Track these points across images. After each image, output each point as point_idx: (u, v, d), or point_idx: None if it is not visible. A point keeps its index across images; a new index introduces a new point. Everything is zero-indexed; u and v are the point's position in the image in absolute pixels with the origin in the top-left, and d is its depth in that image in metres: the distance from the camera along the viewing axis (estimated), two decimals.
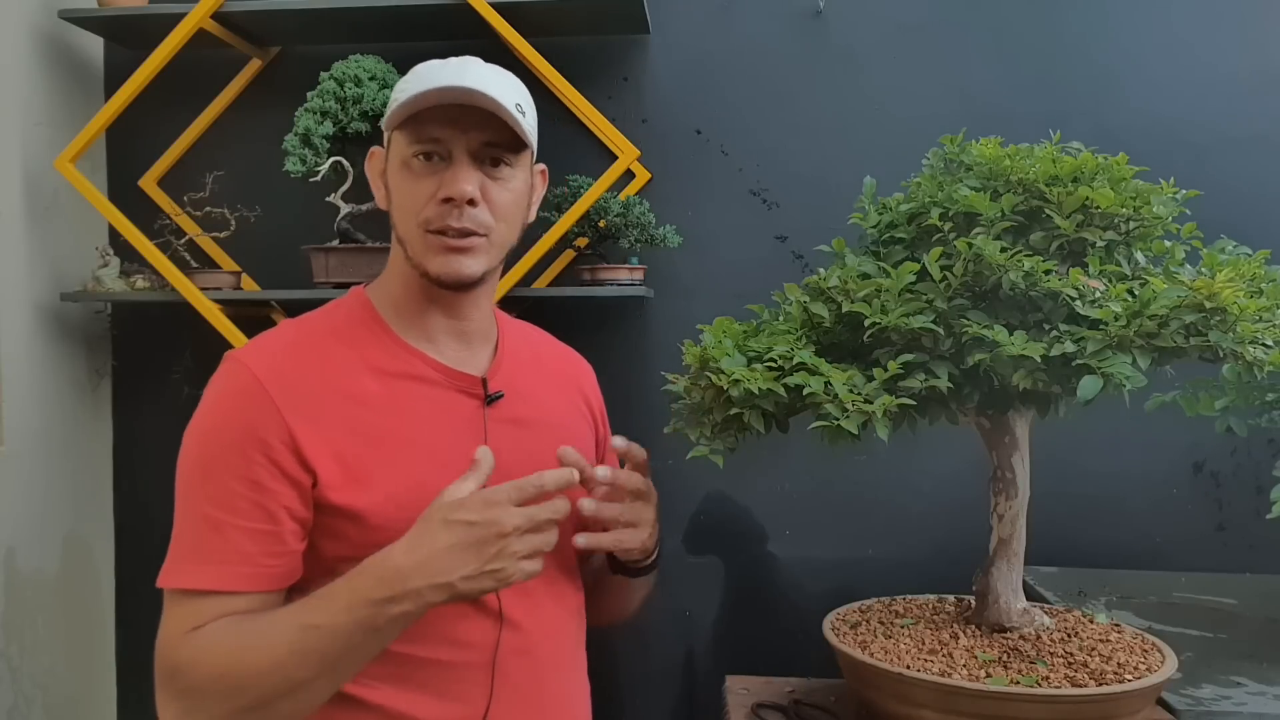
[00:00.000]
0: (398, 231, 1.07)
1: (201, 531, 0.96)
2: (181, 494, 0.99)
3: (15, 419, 1.95)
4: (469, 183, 1.02)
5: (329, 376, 1.02)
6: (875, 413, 1.02)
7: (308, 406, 0.99)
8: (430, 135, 1.02)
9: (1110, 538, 1.98)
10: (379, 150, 1.11)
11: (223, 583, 0.95)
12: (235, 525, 0.95)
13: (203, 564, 0.96)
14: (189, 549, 0.97)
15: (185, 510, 0.98)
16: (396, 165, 1.05)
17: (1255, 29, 1.98)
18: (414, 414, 1.04)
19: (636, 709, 2.13)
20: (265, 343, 1.04)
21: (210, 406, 1.00)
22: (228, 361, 1.02)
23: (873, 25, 2.05)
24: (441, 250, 1.03)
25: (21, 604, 1.95)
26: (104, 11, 1.98)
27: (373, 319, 1.08)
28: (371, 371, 1.04)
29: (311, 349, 1.04)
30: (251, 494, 0.96)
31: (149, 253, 1.95)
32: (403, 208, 1.05)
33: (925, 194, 1.18)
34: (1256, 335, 1.04)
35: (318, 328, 1.07)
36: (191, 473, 0.98)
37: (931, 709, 1.10)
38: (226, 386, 1.00)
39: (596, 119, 2.01)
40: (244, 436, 0.96)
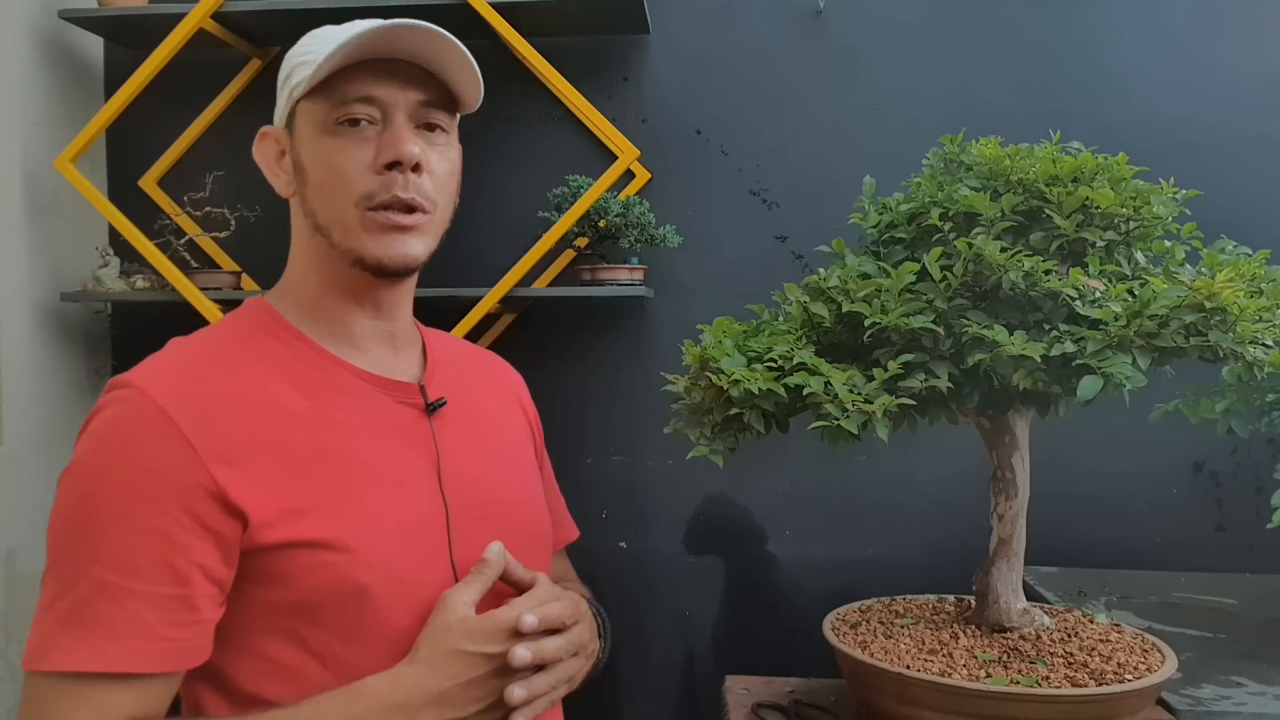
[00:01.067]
0: (318, 217, 0.90)
1: (89, 598, 0.77)
2: (59, 552, 0.80)
3: (15, 419, 1.95)
4: (415, 144, 0.88)
5: (245, 396, 0.85)
6: (875, 413, 1.02)
7: (227, 436, 0.82)
8: (359, 94, 0.87)
9: (1110, 538, 1.98)
10: (271, 130, 0.94)
11: (118, 662, 0.76)
12: (134, 590, 0.77)
13: (89, 639, 0.76)
14: (70, 620, 0.77)
15: (65, 572, 0.79)
16: (313, 137, 0.89)
17: (1256, 29, 1.98)
18: (350, 429, 0.89)
19: (636, 709, 2.13)
20: (161, 365, 0.86)
21: (100, 446, 0.81)
22: (118, 389, 0.83)
23: (873, 25, 2.05)
24: (386, 229, 0.89)
25: (21, 604, 1.95)
26: (104, 11, 1.98)
27: (282, 328, 0.93)
28: (293, 386, 0.88)
29: (219, 367, 0.87)
30: (157, 550, 0.78)
31: (149, 253, 1.95)
32: (328, 185, 0.88)
33: (925, 194, 1.18)
34: (1256, 335, 1.04)
35: (220, 343, 0.91)
36: (75, 526, 0.79)
37: (931, 709, 1.10)
38: (122, 420, 0.81)
39: (596, 119, 2.01)
40: (148, 481, 0.79)
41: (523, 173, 2.09)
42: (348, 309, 0.94)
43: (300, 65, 0.89)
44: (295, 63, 0.90)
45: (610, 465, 2.07)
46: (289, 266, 0.97)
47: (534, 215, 2.02)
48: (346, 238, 0.90)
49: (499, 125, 2.09)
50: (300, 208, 0.93)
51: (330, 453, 0.87)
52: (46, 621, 0.79)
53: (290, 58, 0.92)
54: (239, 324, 0.94)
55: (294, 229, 0.96)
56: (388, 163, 0.88)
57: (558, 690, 0.89)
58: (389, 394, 0.94)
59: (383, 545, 0.86)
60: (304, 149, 0.91)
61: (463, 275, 2.04)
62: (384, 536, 0.86)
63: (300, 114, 0.91)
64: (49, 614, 0.79)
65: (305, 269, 0.95)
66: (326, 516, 0.84)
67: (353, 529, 0.84)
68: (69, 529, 0.80)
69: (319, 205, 0.90)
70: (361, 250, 0.90)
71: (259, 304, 0.96)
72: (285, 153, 0.93)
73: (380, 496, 0.88)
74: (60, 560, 0.80)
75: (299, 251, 0.96)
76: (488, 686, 0.83)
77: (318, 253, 0.93)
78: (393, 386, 0.95)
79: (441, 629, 0.83)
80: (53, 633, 0.78)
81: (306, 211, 0.92)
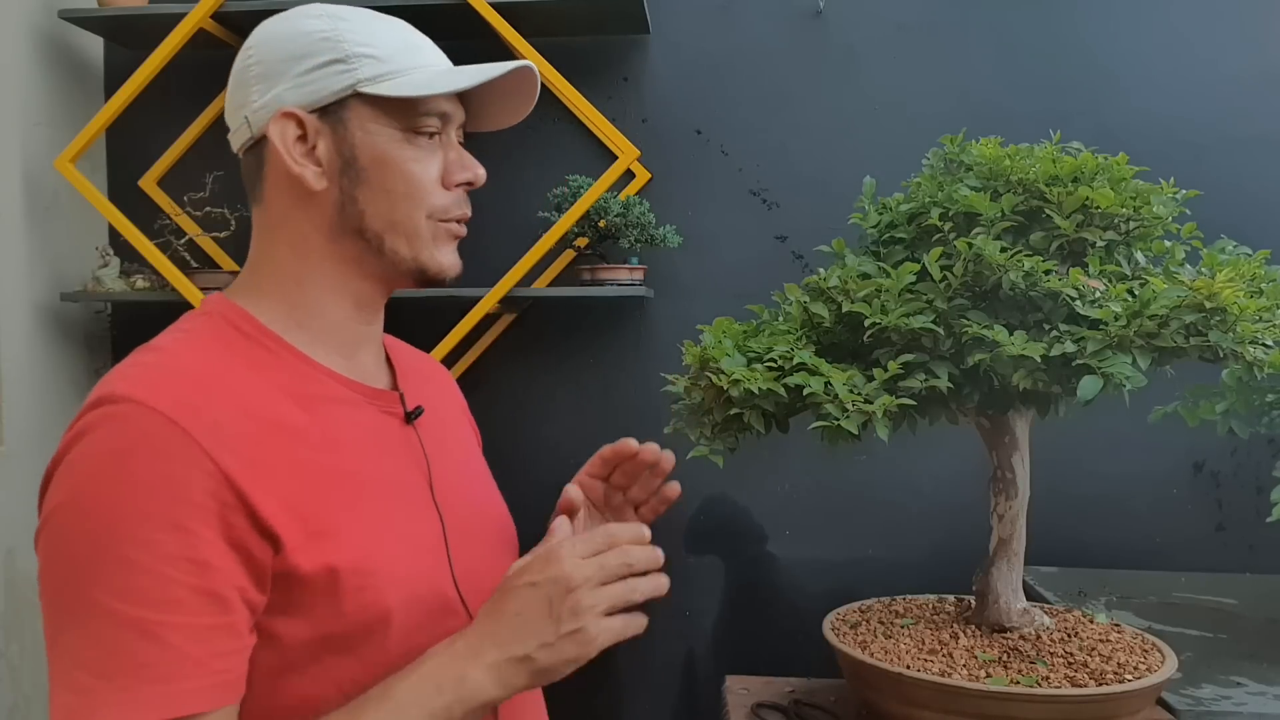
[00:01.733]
0: (370, 220, 0.86)
1: (126, 643, 0.69)
2: (72, 600, 0.71)
3: (15, 419, 1.95)
4: (481, 166, 0.91)
5: (251, 409, 0.78)
6: (875, 413, 1.02)
7: (245, 452, 0.75)
8: (439, 110, 0.87)
9: (1110, 538, 1.98)
10: (297, 112, 0.84)
11: (176, 706, 0.69)
12: (175, 625, 0.70)
13: (138, 687, 0.68)
14: (108, 670, 0.69)
15: (86, 620, 0.70)
16: (386, 139, 0.85)
17: (1255, 29, 1.98)
18: (349, 444, 0.85)
19: (636, 709, 2.13)
20: (150, 374, 0.77)
21: (103, 470, 0.72)
22: (108, 405, 0.74)
23: (873, 25, 2.05)
24: (451, 240, 0.90)
25: (21, 604, 1.95)
26: (104, 11, 1.98)
27: (261, 333, 0.85)
28: (289, 397, 0.82)
29: (214, 376, 0.79)
30: (193, 579, 0.71)
31: (149, 253, 1.95)
32: (400, 193, 0.86)
33: (925, 194, 1.18)
34: (1256, 335, 1.04)
35: (202, 349, 0.82)
36: (90, 567, 0.71)
37: (931, 709, 1.10)
38: (126, 438, 0.72)
39: (596, 119, 2.01)
40: (171, 503, 0.71)
41: (523, 173, 2.09)
42: (348, 314, 0.89)
43: (364, 58, 0.84)
44: (352, 51, 0.84)
45: None
46: (268, 265, 0.88)
47: (534, 215, 2.02)
48: (413, 246, 0.87)
49: None
50: (333, 205, 0.86)
51: (337, 469, 0.81)
52: (78, 679, 0.69)
53: (330, 40, 0.84)
54: (213, 327, 0.85)
55: (292, 226, 0.87)
56: (464, 182, 0.90)
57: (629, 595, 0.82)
58: (373, 403, 0.90)
59: (401, 564, 0.82)
60: (364, 148, 0.85)
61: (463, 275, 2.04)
62: (400, 555, 0.83)
63: (359, 108, 0.85)
64: (79, 671, 0.69)
65: (304, 269, 0.87)
66: (347, 538, 0.79)
67: (373, 549, 0.80)
68: (81, 572, 0.71)
69: (379, 209, 0.86)
70: (428, 261, 0.88)
71: (228, 305, 0.86)
72: (310, 140, 0.85)
73: (388, 513, 0.84)
74: (75, 608, 0.71)
75: (302, 250, 0.87)
76: (544, 615, 0.76)
77: (340, 254, 0.87)
78: (377, 395, 0.91)
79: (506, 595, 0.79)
80: (92, 690, 0.69)
81: (347, 212, 0.86)
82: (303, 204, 0.86)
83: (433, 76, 0.86)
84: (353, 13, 0.87)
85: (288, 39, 0.86)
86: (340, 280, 0.88)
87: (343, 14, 0.87)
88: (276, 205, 0.88)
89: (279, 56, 0.86)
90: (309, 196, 0.86)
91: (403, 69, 0.85)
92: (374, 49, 0.85)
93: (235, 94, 0.90)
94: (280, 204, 0.87)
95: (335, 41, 0.84)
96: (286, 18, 0.88)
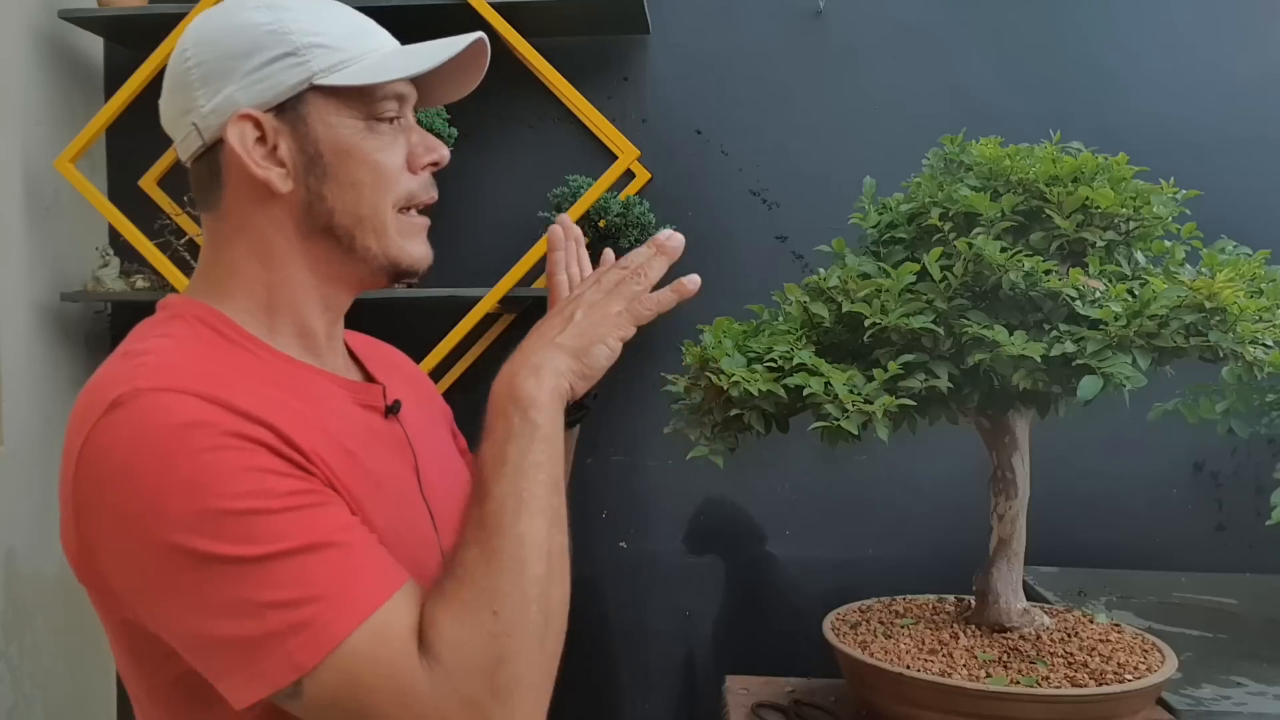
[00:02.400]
0: (338, 217, 0.82)
1: (304, 565, 0.68)
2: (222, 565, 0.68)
3: (15, 419, 1.95)
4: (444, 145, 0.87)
5: (264, 403, 0.75)
6: (875, 413, 1.02)
7: (292, 426, 0.74)
8: (396, 92, 0.83)
9: (1110, 538, 1.98)
10: (254, 113, 0.80)
11: (390, 582, 0.71)
12: (329, 529, 0.71)
13: (348, 587, 0.69)
14: (308, 594, 0.68)
15: (246, 570, 0.68)
16: (349, 131, 0.82)
17: (1256, 29, 1.98)
18: (348, 437, 0.82)
19: (636, 709, 2.13)
20: (163, 370, 0.74)
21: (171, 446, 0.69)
22: (142, 397, 0.71)
23: (873, 25, 2.05)
24: (418, 231, 0.86)
25: (21, 604, 1.95)
26: (104, 11, 1.98)
27: (240, 334, 0.82)
28: (286, 393, 0.79)
29: (218, 372, 0.76)
30: (311, 499, 0.72)
31: (149, 253, 1.95)
32: (368, 185, 0.82)
33: (925, 194, 1.18)
34: (1256, 335, 1.04)
35: (192, 350, 0.79)
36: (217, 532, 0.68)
37: (931, 709, 1.10)
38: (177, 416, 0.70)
39: (596, 119, 2.01)
40: (256, 451, 0.70)
41: (523, 173, 2.09)
42: (315, 314, 0.86)
43: (315, 49, 0.80)
44: (302, 42, 0.80)
45: (610, 465, 2.07)
46: (228, 270, 0.84)
47: (534, 215, 2.02)
48: (381, 240, 0.84)
49: (499, 125, 2.09)
50: (299, 206, 0.82)
51: (345, 464, 0.79)
52: (287, 616, 0.67)
53: (277, 33, 0.80)
54: (191, 329, 0.81)
55: (254, 232, 0.83)
56: (430, 163, 0.86)
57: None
58: (355, 398, 0.87)
59: (403, 557, 0.80)
60: (328, 142, 0.81)
61: (463, 275, 2.04)
62: (403, 548, 0.80)
63: (317, 101, 0.81)
64: (281, 612, 0.67)
65: (269, 274, 0.84)
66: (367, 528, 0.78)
67: (387, 544, 0.78)
68: (210, 540, 0.67)
69: (347, 204, 0.82)
70: (399, 254, 0.85)
71: (199, 306, 0.83)
72: (270, 141, 0.81)
73: (390, 506, 0.82)
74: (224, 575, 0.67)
75: (266, 255, 0.83)
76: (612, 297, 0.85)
77: (309, 255, 0.84)
78: (359, 390, 0.88)
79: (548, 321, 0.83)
80: (311, 618, 0.67)
81: (315, 211, 0.82)
82: (266, 208, 0.82)
83: (386, 59, 0.83)
84: (294, 2, 0.83)
85: (229, 35, 0.81)
86: (309, 283, 0.85)
87: (284, 4, 0.82)
88: (237, 212, 0.83)
89: (222, 54, 0.81)
90: (273, 200, 0.82)
91: (356, 55, 0.82)
92: (323, 37, 0.81)
93: (176, 99, 0.83)
94: (242, 211, 0.83)
95: (282, 34, 0.80)
96: (223, 11, 0.83)
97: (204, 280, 0.86)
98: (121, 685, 2.22)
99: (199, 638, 0.70)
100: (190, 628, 0.70)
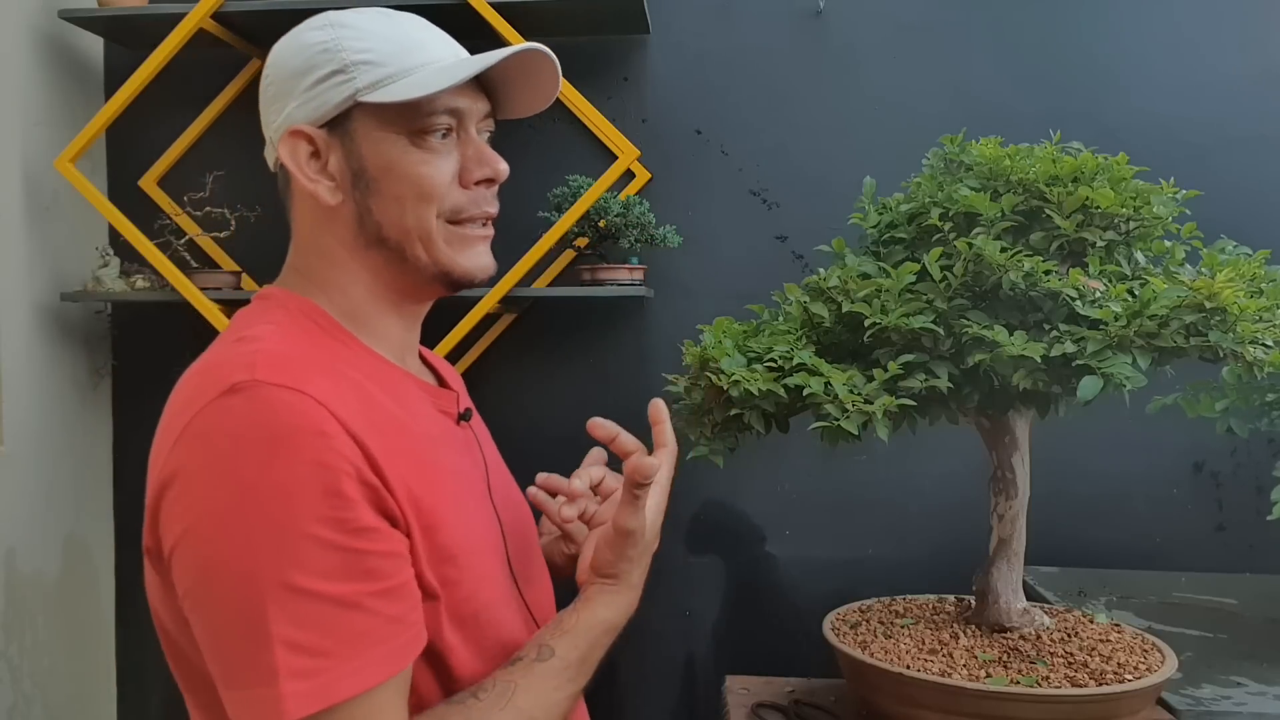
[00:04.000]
0: (387, 230, 0.85)
1: (335, 617, 0.70)
2: (269, 583, 0.69)
3: (15, 419, 1.95)
4: (502, 160, 0.88)
5: (368, 401, 0.79)
6: (875, 413, 1.02)
7: (375, 436, 0.76)
8: (448, 106, 0.85)
9: (1110, 538, 1.98)
10: (306, 129, 0.84)
11: (397, 661, 0.73)
12: (374, 591, 0.72)
13: (363, 652, 0.70)
14: (325, 646, 0.69)
15: (286, 601, 0.69)
16: (392, 145, 0.84)
17: (1256, 29, 1.98)
18: (434, 439, 0.86)
19: (636, 709, 2.13)
20: (276, 361, 0.76)
21: (270, 453, 0.71)
22: (254, 390, 0.73)
23: (873, 25, 2.05)
24: (471, 242, 0.87)
25: (21, 604, 1.95)
26: (104, 11, 1.98)
27: (336, 328, 0.86)
28: (380, 389, 0.82)
29: (325, 365, 0.79)
30: (375, 546, 0.73)
31: (149, 253, 1.95)
32: (412, 198, 0.84)
33: (925, 194, 1.18)
34: (1256, 335, 1.04)
35: (298, 340, 0.82)
36: (279, 550, 0.69)
37: (931, 709, 1.10)
38: (284, 421, 0.72)
39: (596, 119, 2.01)
40: (339, 477, 0.71)
41: (523, 173, 2.08)
42: (390, 321, 0.89)
43: (362, 65, 0.83)
44: (350, 60, 0.83)
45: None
46: (311, 273, 0.88)
47: (534, 215, 2.02)
48: (430, 252, 0.86)
49: (499, 125, 2.09)
50: (352, 218, 0.86)
51: (436, 463, 0.83)
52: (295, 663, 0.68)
53: (329, 51, 0.84)
54: (293, 319, 0.84)
55: (322, 241, 0.87)
56: (484, 179, 0.87)
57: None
58: (436, 403, 0.90)
59: (483, 563, 0.86)
60: (373, 156, 0.84)
61: None
62: (482, 554, 0.86)
63: (363, 117, 0.84)
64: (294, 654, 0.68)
65: (343, 279, 0.87)
66: (449, 533, 0.80)
67: (466, 546, 0.82)
68: (269, 558, 0.69)
69: (393, 218, 0.85)
70: (450, 265, 0.86)
71: (296, 298, 0.87)
72: (323, 156, 0.85)
73: (471, 511, 0.86)
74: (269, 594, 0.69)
75: (335, 263, 0.87)
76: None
77: (373, 265, 0.87)
78: (438, 394, 0.91)
79: (646, 550, 0.88)
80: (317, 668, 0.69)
81: (366, 224, 0.85)
82: (324, 220, 0.87)
83: (431, 75, 0.84)
84: (357, 17, 0.86)
85: (293, 54, 0.86)
86: (376, 290, 0.88)
87: (346, 20, 0.85)
88: (303, 222, 0.89)
89: (287, 74, 0.86)
90: (329, 212, 0.86)
91: (403, 70, 0.84)
92: (371, 54, 0.83)
93: (263, 114, 0.90)
94: (305, 220, 0.88)
95: (334, 52, 0.84)
96: (295, 32, 0.88)
97: (295, 273, 0.90)
98: (122, 685, 2.23)
99: (211, 636, 0.72)
100: (210, 624, 0.72)
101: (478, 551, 0.84)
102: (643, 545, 0.87)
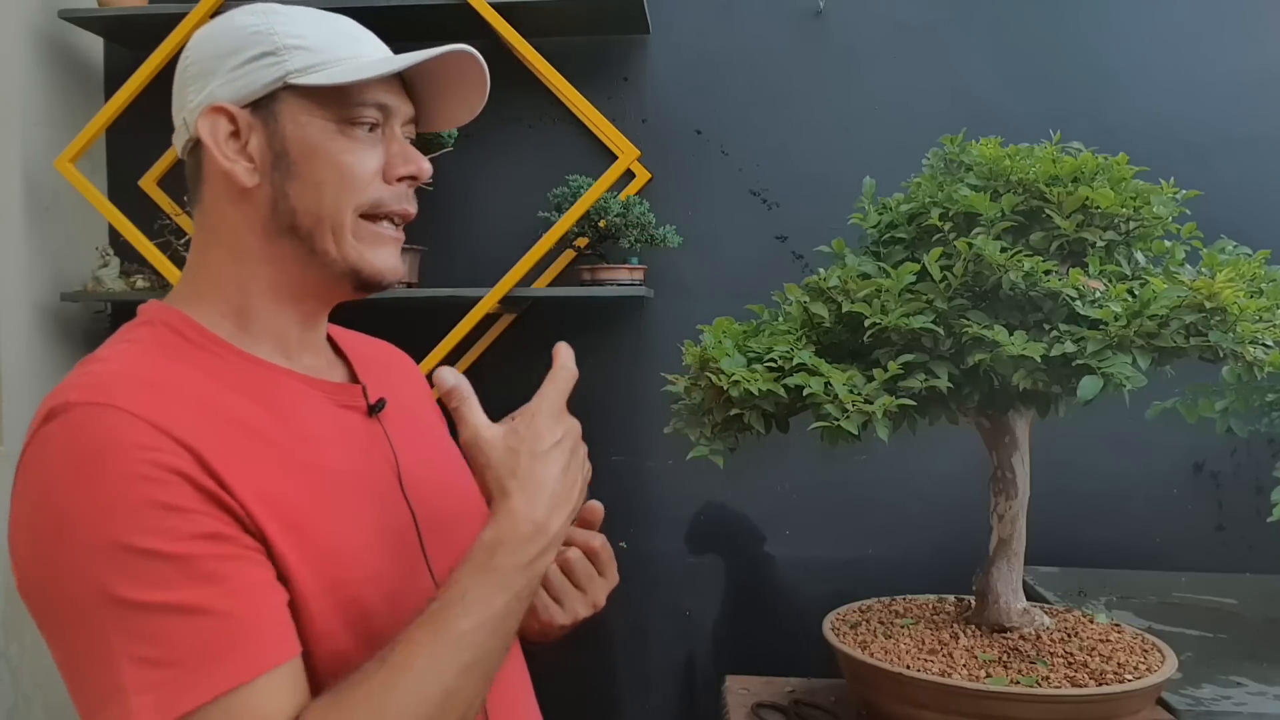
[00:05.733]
0: (300, 218, 0.83)
1: (175, 627, 0.68)
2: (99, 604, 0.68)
3: (15, 419, 1.95)
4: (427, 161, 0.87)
5: (210, 408, 0.76)
6: (875, 413, 1.02)
7: (214, 445, 0.73)
8: (376, 99, 0.84)
9: (1110, 538, 1.98)
10: (228, 107, 0.82)
11: (254, 665, 0.69)
12: (215, 594, 0.69)
13: (210, 661, 0.68)
14: (170, 657, 0.67)
15: (123, 618, 0.68)
16: (317, 131, 0.83)
17: (1256, 28, 1.98)
18: (316, 439, 0.83)
19: (636, 709, 2.13)
20: (105, 380, 0.74)
21: (84, 473, 0.69)
22: (71, 412, 0.71)
23: (873, 25, 2.05)
24: (384, 241, 0.86)
25: (21, 604, 1.95)
26: (104, 11, 1.98)
27: (207, 338, 0.83)
28: (249, 398, 0.80)
29: (170, 380, 0.77)
30: (213, 549, 0.70)
31: (149, 253, 1.95)
32: (331, 186, 0.83)
33: (925, 194, 1.18)
34: (1256, 335, 1.04)
35: (152, 357, 0.80)
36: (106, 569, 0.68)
37: (931, 709, 1.10)
38: (98, 440, 0.70)
39: (596, 119, 2.01)
40: (164, 486, 0.69)
41: (523, 173, 2.09)
42: (286, 317, 0.87)
43: (295, 50, 0.82)
44: (282, 43, 0.82)
45: (610, 465, 2.07)
46: (206, 270, 0.86)
47: (534, 215, 2.02)
48: (340, 245, 0.84)
49: (499, 125, 2.09)
50: (266, 203, 0.84)
51: (304, 465, 0.80)
52: (143, 677, 0.67)
53: (261, 33, 0.83)
54: (157, 335, 0.82)
55: (228, 228, 0.85)
56: (408, 175, 0.86)
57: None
58: (333, 398, 0.88)
59: (374, 561, 0.82)
60: (296, 140, 0.83)
61: (463, 275, 2.04)
62: (373, 551, 0.82)
63: (291, 100, 0.83)
64: (139, 669, 0.67)
65: (242, 273, 0.85)
66: (319, 534, 0.78)
67: (344, 546, 0.79)
68: (96, 579, 0.68)
69: (309, 204, 0.83)
70: (359, 261, 0.85)
71: (169, 311, 0.84)
72: (244, 136, 0.83)
73: (358, 509, 0.83)
74: (105, 614, 0.68)
75: (239, 253, 0.85)
76: (574, 465, 0.83)
77: (277, 256, 0.85)
78: (335, 390, 0.88)
79: (506, 455, 0.79)
80: (163, 681, 0.67)
81: (279, 209, 0.83)
82: (237, 203, 0.84)
83: (365, 64, 0.84)
84: (291, 8, 0.85)
85: (221, 36, 0.85)
86: (279, 284, 0.86)
87: (279, 9, 0.85)
88: (213, 206, 0.86)
89: (212, 54, 0.84)
90: (243, 194, 0.84)
91: (335, 59, 0.83)
92: (305, 40, 0.83)
93: (176, 97, 0.87)
94: (216, 204, 0.86)
95: (266, 34, 0.83)
96: (224, 16, 0.87)
97: (184, 285, 0.88)
98: None
99: (64, 665, 0.72)
100: (61, 653, 0.72)
101: (370, 549, 0.81)
102: (491, 454, 0.79)
